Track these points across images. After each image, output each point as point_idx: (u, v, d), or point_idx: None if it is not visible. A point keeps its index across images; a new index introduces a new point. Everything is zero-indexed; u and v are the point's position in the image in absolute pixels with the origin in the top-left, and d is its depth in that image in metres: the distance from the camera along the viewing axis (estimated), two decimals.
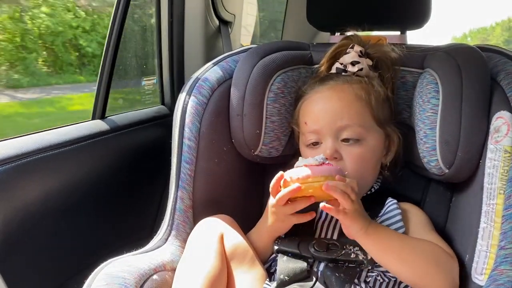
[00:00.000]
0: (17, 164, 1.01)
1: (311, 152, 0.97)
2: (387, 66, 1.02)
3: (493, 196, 0.85)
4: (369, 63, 1.01)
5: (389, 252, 0.85)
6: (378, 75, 1.01)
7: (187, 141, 1.04)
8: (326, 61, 1.04)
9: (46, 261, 1.11)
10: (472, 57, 0.93)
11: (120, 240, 1.29)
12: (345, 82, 0.98)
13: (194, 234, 0.94)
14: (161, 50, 1.57)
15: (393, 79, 1.02)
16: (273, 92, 1.03)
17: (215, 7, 1.60)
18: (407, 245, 0.86)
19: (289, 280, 0.87)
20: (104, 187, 1.26)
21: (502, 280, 0.78)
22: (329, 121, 0.94)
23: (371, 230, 0.84)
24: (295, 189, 0.82)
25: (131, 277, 0.83)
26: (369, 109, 0.96)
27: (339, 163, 0.93)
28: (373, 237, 0.84)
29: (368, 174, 0.97)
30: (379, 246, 0.85)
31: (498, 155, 0.85)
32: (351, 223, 0.83)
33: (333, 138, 0.94)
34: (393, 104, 1.02)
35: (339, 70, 1.01)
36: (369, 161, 0.96)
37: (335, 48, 1.04)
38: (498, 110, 0.87)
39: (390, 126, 1.00)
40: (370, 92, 0.97)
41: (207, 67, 1.10)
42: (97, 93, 1.31)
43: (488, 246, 0.84)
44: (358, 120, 0.94)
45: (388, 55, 1.01)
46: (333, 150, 0.93)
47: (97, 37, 6.26)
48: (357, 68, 0.99)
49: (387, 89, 1.00)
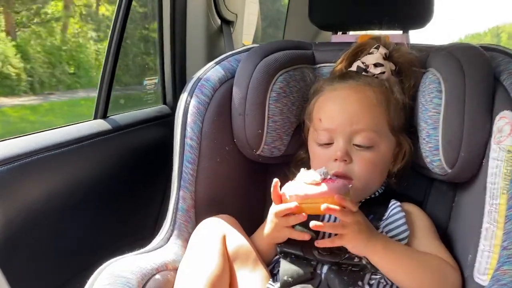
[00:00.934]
0: (19, 163, 1.01)
1: (321, 150, 0.96)
2: (409, 73, 1.00)
3: (496, 196, 0.84)
4: (392, 67, 0.99)
5: (398, 269, 0.85)
6: (400, 81, 0.99)
7: (189, 141, 1.04)
8: (346, 58, 1.03)
9: (48, 260, 1.11)
10: (475, 56, 0.93)
11: (122, 239, 1.29)
12: (366, 84, 0.96)
13: (196, 234, 0.94)
14: (163, 49, 1.57)
15: (414, 88, 0.99)
16: (275, 91, 1.03)
17: (217, 7, 1.60)
18: (415, 261, 0.86)
19: (293, 282, 0.87)
20: (106, 187, 1.26)
21: (505, 280, 0.78)
22: (345, 122, 0.93)
23: (379, 246, 0.83)
24: (292, 208, 0.83)
25: (134, 277, 0.83)
26: (386, 115, 0.95)
27: (348, 166, 0.93)
28: (381, 254, 0.84)
29: (374, 179, 0.96)
30: (388, 263, 0.84)
31: (501, 155, 0.85)
32: (353, 240, 0.82)
33: (346, 140, 0.93)
34: (408, 112, 1.00)
35: (359, 69, 0.99)
36: (377, 167, 0.95)
37: (358, 46, 1.02)
38: (501, 110, 0.87)
39: (402, 134, 0.98)
40: (390, 98, 0.95)
41: (209, 67, 1.10)
42: (99, 92, 1.32)
43: (491, 246, 0.84)
44: (373, 125, 0.93)
45: (412, 62, 1.00)
46: (344, 153, 0.92)
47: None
48: (380, 70, 0.97)
49: (407, 97, 0.98)
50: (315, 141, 0.98)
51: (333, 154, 0.93)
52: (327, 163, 0.93)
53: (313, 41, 1.16)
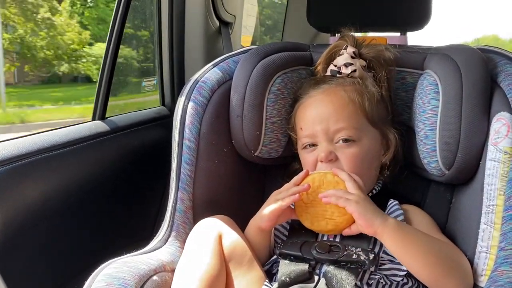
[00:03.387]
0: (18, 165, 1.01)
1: (308, 155, 0.97)
2: (380, 65, 1.01)
3: (493, 197, 0.85)
4: (363, 63, 1.01)
5: (413, 247, 0.83)
6: (372, 75, 1.01)
7: (187, 142, 1.04)
8: (321, 63, 1.05)
9: (46, 261, 1.11)
10: (472, 58, 0.93)
11: (120, 241, 1.29)
12: (338, 85, 0.98)
13: (192, 234, 0.94)
14: (162, 50, 1.57)
15: (388, 78, 1.01)
16: (273, 93, 1.03)
17: (216, 8, 1.60)
18: (430, 242, 0.85)
19: (291, 282, 0.87)
20: (104, 188, 1.26)
21: (502, 281, 0.78)
22: (323, 125, 0.95)
23: (391, 221, 0.83)
24: (305, 188, 0.89)
25: (131, 278, 0.83)
26: (362, 110, 0.96)
27: (335, 164, 0.94)
28: (395, 229, 0.83)
29: (365, 174, 0.96)
30: (402, 240, 0.83)
31: (498, 156, 0.85)
32: (364, 211, 0.83)
33: (328, 141, 0.95)
34: (390, 103, 1.02)
35: (333, 72, 1.01)
36: (364, 160, 0.96)
37: (330, 50, 1.04)
38: (498, 111, 0.88)
39: (385, 126, 0.99)
40: (363, 93, 0.97)
41: (208, 68, 1.10)
42: (97, 94, 1.32)
43: (488, 247, 0.84)
44: (351, 122, 0.94)
45: (381, 54, 1.01)
46: (327, 152, 0.94)
47: None
48: (350, 69, 0.99)
49: (381, 89, 0.99)
50: (301, 149, 1.00)
51: (317, 156, 0.95)
52: (315, 166, 0.96)
53: (311, 42, 1.16)
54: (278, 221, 0.93)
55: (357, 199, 0.84)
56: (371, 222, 0.83)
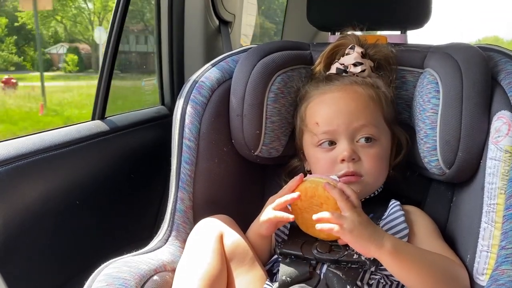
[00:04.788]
0: (17, 164, 1.01)
1: (325, 154, 0.95)
2: (388, 67, 1.01)
3: (494, 196, 0.84)
4: (371, 64, 1.00)
5: (409, 268, 0.82)
6: (380, 76, 1.00)
7: (187, 142, 1.04)
8: (322, 61, 1.04)
9: (46, 262, 1.11)
10: (473, 56, 0.93)
11: (120, 240, 1.29)
12: (353, 83, 0.97)
13: (193, 234, 0.94)
14: (161, 50, 1.57)
15: (395, 81, 1.01)
16: (273, 92, 1.03)
17: (215, 7, 1.59)
18: (427, 262, 0.84)
19: (291, 281, 0.87)
20: (104, 188, 1.26)
21: (503, 280, 0.78)
22: (345, 122, 0.93)
23: (387, 246, 0.80)
24: (295, 198, 0.86)
25: (132, 278, 0.83)
26: (380, 109, 0.96)
27: (357, 164, 0.93)
28: (390, 254, 0.80)
29: (381, 174, 0.97)
30: (398, 263, 0.81)
31: (498, 154, 0.85)
32: (359, 239, 0.80)
33: (349, 139, 0.93)
34: (395, 105, 1.02)
35: (339, 70, 1.00)
36: (383, 160, 0.96)
37: (332, 48, 1.03)
38: (499, 110, 0.87)
39: (396, 127, 1.00)
40: (379, 93, 0.97)
41: (207, 68, 1.10)
42: (97, 93, 1.31)
43: (489, 246, 0.84)
44: (372, 120, 0.94)
45: (388, 57, 1.01)
46: (351, 152, 0.92)
47: None
48: (360, 69, 0.98)
49: (391, 91, 0.99)
50: (315, 146, 0.97)
51: (339, 155, 0.93)
52: (333, 166, 0.94)
53: (311, 41, 1.16)
54: (277, 226, 0.92)
55: (351, 227, 0.79)
56: (366, 250, 0.81)
